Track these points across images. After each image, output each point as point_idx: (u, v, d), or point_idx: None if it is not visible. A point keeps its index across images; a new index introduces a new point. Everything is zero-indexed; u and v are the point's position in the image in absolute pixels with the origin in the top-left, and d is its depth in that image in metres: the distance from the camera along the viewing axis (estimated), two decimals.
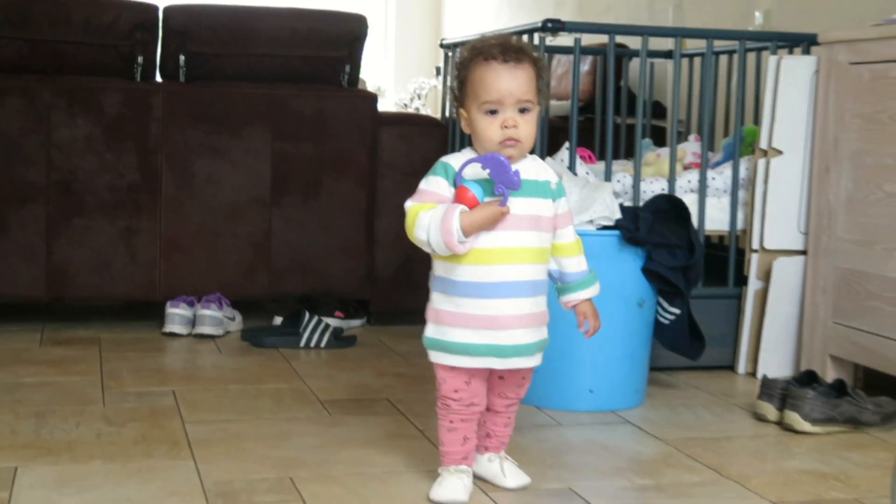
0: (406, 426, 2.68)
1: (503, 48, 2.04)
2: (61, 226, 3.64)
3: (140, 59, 3.77)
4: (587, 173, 3.28)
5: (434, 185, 2.11)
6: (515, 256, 2.07)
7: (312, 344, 3.54)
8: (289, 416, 2.74)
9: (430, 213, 2.05)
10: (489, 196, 2.01)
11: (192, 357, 3.40)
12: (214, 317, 3.64)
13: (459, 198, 2.02)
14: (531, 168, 2.09)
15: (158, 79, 3.90)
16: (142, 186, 3.72)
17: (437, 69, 7.94)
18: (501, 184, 1.97)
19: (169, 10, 3.80)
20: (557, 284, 2.19)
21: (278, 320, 3.69)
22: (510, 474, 2.20)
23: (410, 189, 3.90)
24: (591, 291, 2.18)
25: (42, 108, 3.61)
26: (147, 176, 3.72)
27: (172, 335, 3.66)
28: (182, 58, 3.80)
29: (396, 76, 8.24)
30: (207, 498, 2.14)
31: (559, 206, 2.13)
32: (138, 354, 3.40)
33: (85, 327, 3.77)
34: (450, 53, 4.20)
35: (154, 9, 3.80)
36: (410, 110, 7.30)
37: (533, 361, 2.13)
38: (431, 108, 7.74)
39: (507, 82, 2.02)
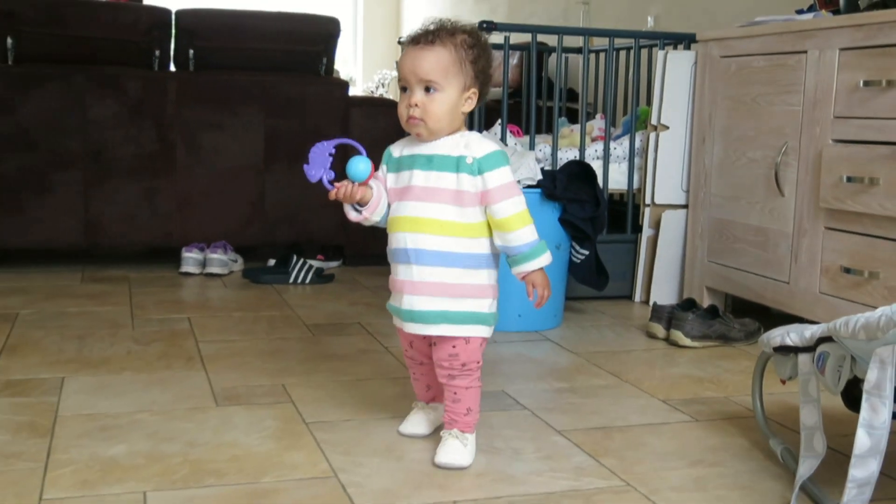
0: (374, 344, 2.68)
1: (423, 32, 1.74)
2: (95, 186, 3.59)
3: (157, 53, 3.71)
4: (515, 144, 3.28)
5: (381, 171, 1.86)
6: (413, 225, 1.75)
7: (299, 281, 3.53)
8: (280, 337, 2.74)
9: None
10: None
11: (202, 291, 3.38)
12: (221, 259, 3.62)
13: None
14: (447, 144, 1.75)
15: (172, 68, 3.84)
16: (160, 154, 3.67)
17: (397, 62, 7.90)
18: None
19: (180, 13, 3.74)
20: (507, 258, 1.81)
21: (271, 262, 3.67)
22: (442, 451, 1.77)
23: (377, 158, 3.89)
24: (537, 263, 1.78)
25: (78, 92, 3.55)
26: (164, 146, 3.67)
27: (187, 274, 3.63)
28: (191, 51, 3.74)
29: (364, 68, 8.17)
30: (216, 400, 2.14)
31: (485, 182, 1.73)
32: (160, 289, 3.37)
33: (116, 268, 3.73)
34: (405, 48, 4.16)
35: (168, 12, 3.73)
36: (376, 96, 7.24)
37: (434, 330, 1.78)
38: (393, 94, 7.69)
39: (412, 62, 1.71)
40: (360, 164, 1.79)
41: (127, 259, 3.91)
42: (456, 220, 1.75)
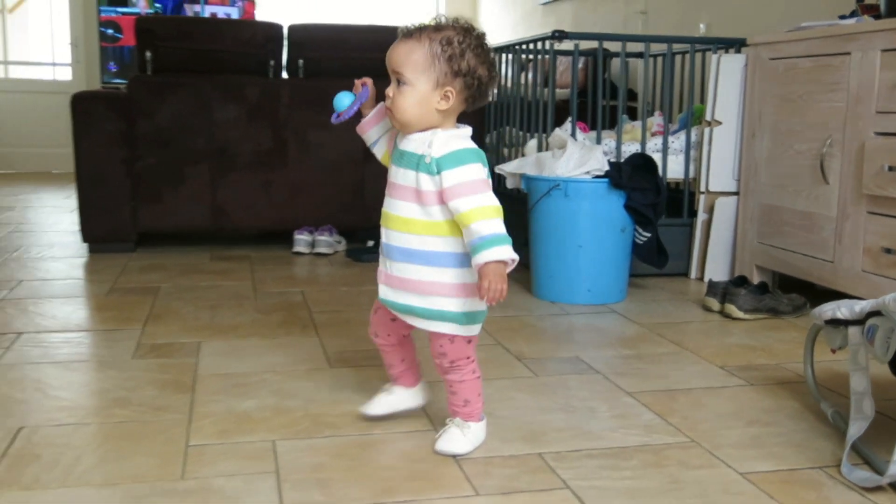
0: None
1: (409, 27, 1.54)
2: (220, 178, 3.65)
3: (272, 62, 3.75)
4: (584, 139, 3.24)
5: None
6: (388, 221, 1.61)
7: None
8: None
9: None
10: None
11: (312, 269, 3.41)
12: (327, 241, 3.65)
13: None
14: (415, 141, 1.54)
15: (285, 76, 3.87)
16: (274, 150, 3.71)
17: None
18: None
19: (292, 28, 3.76)
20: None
21: (370, 243, 3.69)
22: (442, 438, 1.62)
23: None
24: (488, 255, 1.46)
25: (205, 98, 3.60)
26: (278, 143, 3.71)
27: (298, 254, 3.67)
28: (301, 61, 3.76)
29: None
30: (329, 362, 2.16)
31: (442, 181, 1.49)
32: (276, 266, 3.41)
33: (238, 248, 3.79)
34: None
35: (280, 27, 3.76)
36: None
37: (407, 319, 1.62)
38: None
39: (389, 54, 1.53)
40: (343, 99, 1.63)
41: (247, 240, 3.97)
42: (419, 217, 1.54)
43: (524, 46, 3.60)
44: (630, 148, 3.29)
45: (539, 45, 3.46)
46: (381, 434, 1.69)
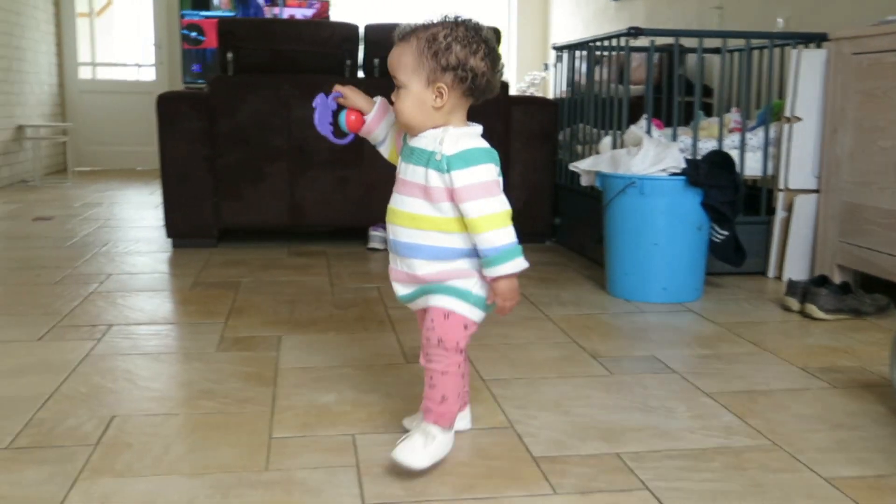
0: (536, 312, 2.66)
1: (409, 27, 1.50)
2: (298, 176, 3.70)
3: (348, 62, 3.78)
4: (659, 136, 3.19)
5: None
6: (395, 217, 1.55)
7: None
8: None
9: None
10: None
11: (387, 264, 3.42)
12: None
13: None
14: (427, 138, 1.49)
15: (361, 74, 3.90)
16: (350, 148, 3.71)
17: (546, 65, 7.81)
18: None
19: (368, 28, 3.79)
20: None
21: None
22: (401, 444, 1.49)
23: (534, 148, 3.85)
24: (501, 269, 1.47)
25: (284, 97, 3.65)
26: (354, 141, 3.72)
27: (374, 250, 3.70)
28: (376, 60, 3.79)
29: (518, 70, 8.11)
30: (406, 357, 2.17)
31: (452, 181, 1.45)
32: (352, 262, 3.44)
33: (315, 244, 3.84)
34: (559, 53, 4.10)
35: (356, 27, 3.79)
36: (527, 94, 7.18)
37: (424, 300, 1.58)
38: (542, 93, 7.61)
39: (388, 59, 1.52)
40: (348, 117, 1.63)
41: (323, 236, 4.02)
42: (428, 213, 1.49)
43: (598, 43, 3.56)
44: (706, 145, 3.23)
45: (614, 41, 3.42)
46: (458, 430, 1.69)
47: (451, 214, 1.49)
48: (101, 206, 5.08)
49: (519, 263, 1.49)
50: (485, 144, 1.50)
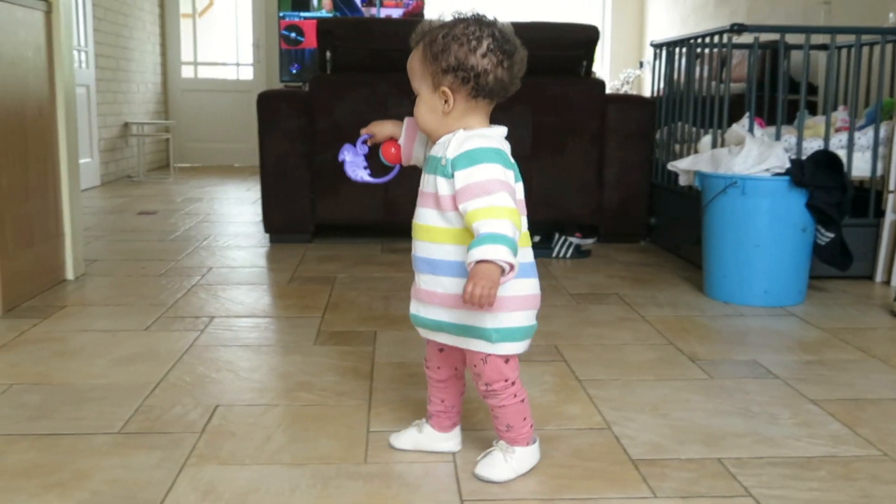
0: (631, 313, 2.63)
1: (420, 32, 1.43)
2: None
3: None
4: (762, 135, 3.10)
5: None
6: (414, 231, 1.48)
7: (560, 255, 3.52)
8: (549, 304, 2.74)
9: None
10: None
11: None
12: None
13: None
14: (440, 144, 1.42)
15: None
16: None
17: (641, 62, 7.69)
18: None
19: None
20: None
21: (536, 238, 3.68)
22: (482, 461, 1.48)
23: (629, 147, 3.80)
24: (480, 252, 1.29)
25: (380, 95, 3.70)
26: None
27: None
28: None
29: (611, 68, 8.01)
30: None
31: (455, 182, 1.36)
32: None
33: (408, 241, 3.85)
34: (657, 50, 4.03)
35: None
36: (620, 93, 7.09)
37: (438, 337, 1.48)
38: (636, 91, 7.50)
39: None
40: (388, 151, 1.57)
41: None
42: (439, 225, 1.41)
43: (700, 40, 3.49)
44: (811, 144, 3.13)
45: (716, 38, 3.34)
46: (554, 430, 1.69)
47: (459, 225, 1.39)
48: (201, 201, 5.24)
49: (501, 251, 1.29)
50: (495, 145, 1.39)
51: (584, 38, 3.82)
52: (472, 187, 1.34)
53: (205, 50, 8.04)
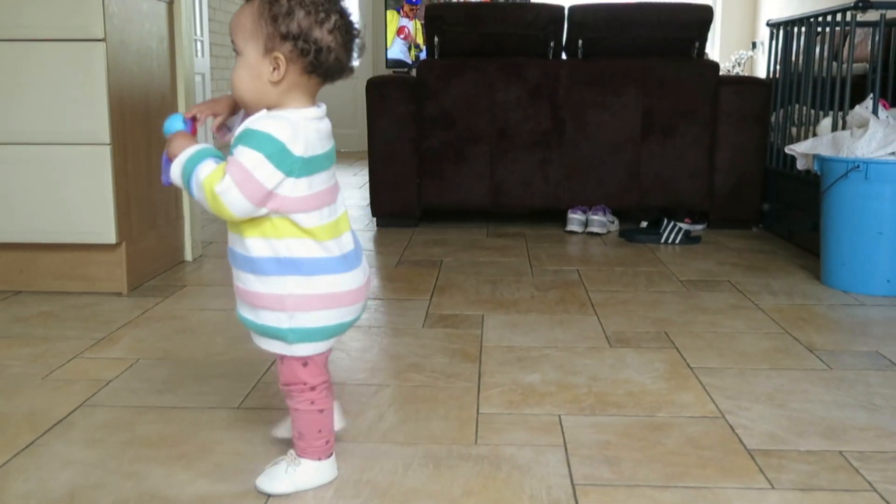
0: (744, 301, 2.56)
1: None
2: (499, 158, 3.74)
3: (552, 44, 3.77)
4: (887, 117, 2.96)
5: None
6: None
7: (669, 241, 3.46)
8: (658, 290, 2.69)
9: None
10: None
11: (586, 248, 3.41)
12: (601, 220, 3.63)
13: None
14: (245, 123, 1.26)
15: (564, 57, 3.88)
16: (552, 131, 3.74)
17: (753, 43, 7.44)
18: None
19: (573, 9, 3.75)
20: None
21: (644, 224, 3.62)
22: (266, 470, 1.39)
23: (743, 131, 3.69)
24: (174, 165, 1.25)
25: (488, 79, 3.70)
26: (556, 124, 3.73)
27: (572, 233, 3.68)
28: (580, 41, 3.75)
29: (721, 49, 7.78)
30: (609, 342, 2.15)
31: None
32: (550, 245, 3.45)
33: (514, 226, 3.87)
34: (773, 30, 3.89)
35: (562, 8, 3.76)
36: (734, 75, 6.88)
37: (257, 341, 1.34)
38: (747, 72, 7.26)
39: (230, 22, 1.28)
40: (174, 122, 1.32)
41: (520, 218, 4.05)
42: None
43: (820, 19, 3.35)
44: None
45: (838, 16, 3.20)
46: (666, 417, 1.66)
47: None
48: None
49: (178, 165, 1.25)
50: (280, 132, 1.22)
51: (697, 19, 3.73)
52: (230, 164, 1.21)
53: None
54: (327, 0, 1.25)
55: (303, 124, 1.25)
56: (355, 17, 1.30)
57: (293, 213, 1.26)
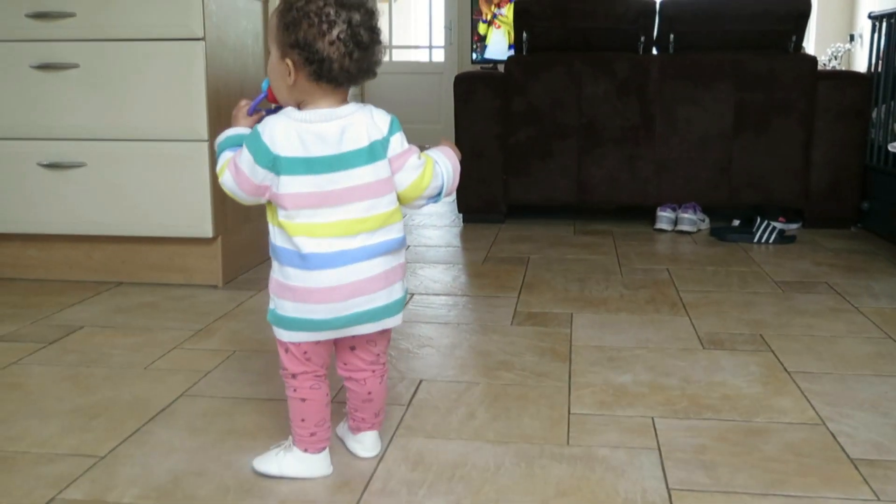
0: (843, 303, 2.48)
1: None
2: (587, 153, 3.70)
3: (642, 38, 3.71)
4: None
5: None
6: None
7: (763, 240, 3.37)
8: (752, 291, 2.63)
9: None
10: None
11: (675, 246, 3.36)
12: (691, 219, 3.57)
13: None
14: None
15: (654, 51, 3.82)
16: (641, 126, 3.68)
17: (851, 36, 7.18)
18: None
19: (664, 3, 3.69)
20: None
21: (736, 222, 3.54)
22: (268, 451, 1.48)
23: (841, 126, 3.57)
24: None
25: (575, 74, 3.66)
26: (645, 119, 3.68)
27: (661, 231, 3.63)
28: (672, 35, 3.69)
29: (816, 42, 7.53)
30: (702, 343, 2.11)
31: None
32: (638, 243, 3.40)
33: (601, 223, 3.83)
34: (875, 22, 3.75)
35: (653, 2, 3.70)
36: (832, 69, 6.66)
37: None
38: (844, 66, 7.01)
39: None
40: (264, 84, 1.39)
41: (607, 215, 4.00)
42: None
43: None
44: None
45: None
46: (764, 422, 1.62)
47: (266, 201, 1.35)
48: None
49: (215, 147, 1.40)
50: (268, 132, 1.29)
51: (794, 12, 3.62)
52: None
53: (400, 34, 8.25)
54: (339, 6, 1.26)
55: (289, 125, 1.28)
56: (439, 16, 1.30)
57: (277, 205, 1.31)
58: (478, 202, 3.80)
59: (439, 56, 8.09)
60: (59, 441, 1.54)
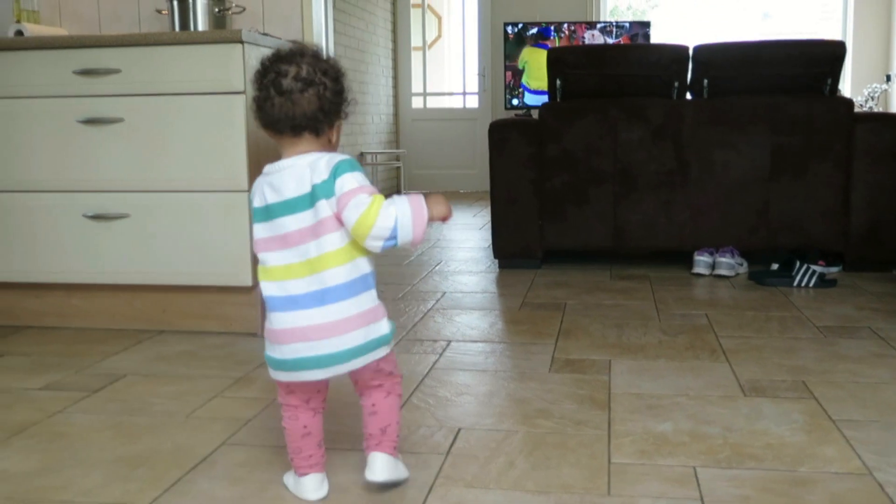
0: (887, 349, 2.44)
1: None
2: (622, 198, 3.71)
3: (676, 84, 3.73)
4: None
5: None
6: None
7: (802, 284, 3.33)
8: (793, 336, 2.60)
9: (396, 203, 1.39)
10: None
11: (714, 291, 3.33)
12: (729, 263, 3.54)
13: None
14: None
15: (688, 96, 3.83)
16: (676, 171, 3.68)
17: (888, 76, 7.15)
18: None
19: (698, 49, 3.71)
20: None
21: (775, 266, 3.51)
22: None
23: (881, 169, 3.55)
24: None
25: (610, 120, 3.68)
26: (680, 164, 3.68)
27: (698, 275, 3.60)
28: (705, 80, 3.70)
29: (853, 83, 7.51)
30: (743, 391, 2.08)
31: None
32: (676, 287, 3.38)
33: (637, 268, 3.82)
34: None
35: (686, 48, 3.73)
36: (864, 110, 6.63)
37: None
38: (881, 107, 6.98)
39: None
40: None
41: (644, 259, 3.99)
42: None
43: None
44: None
45: None
46: (808, 472, 1.60)
47: None
48: (430, 226, 5.43)
49: None
50: (252, 189, 1.48)
51: (829, 55, 3.62)
52: None
53: (434, 80, 8.36)
54: (274, 59, 1.40)
55: (259, 179, 1.46)
56: (472, 63, 1.39)
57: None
58: (513, 248, 3.81)
59: (473, 102, 8.18)
60: (102, 491, 1.56)
